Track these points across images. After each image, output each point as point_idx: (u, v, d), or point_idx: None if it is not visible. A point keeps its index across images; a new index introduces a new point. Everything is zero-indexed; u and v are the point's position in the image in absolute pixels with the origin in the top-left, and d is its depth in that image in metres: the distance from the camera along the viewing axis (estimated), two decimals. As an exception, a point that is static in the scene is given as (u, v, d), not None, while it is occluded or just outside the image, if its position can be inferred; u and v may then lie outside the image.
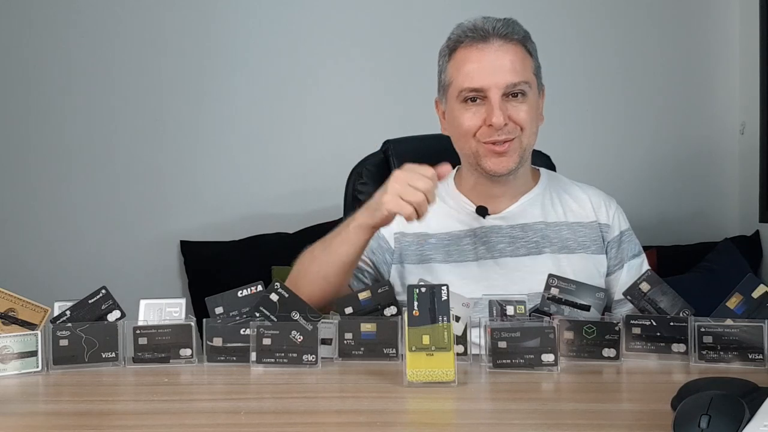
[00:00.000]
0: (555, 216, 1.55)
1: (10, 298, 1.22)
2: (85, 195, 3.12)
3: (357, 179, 1.82)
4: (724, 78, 3.11)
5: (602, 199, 1.59)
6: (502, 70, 1.42)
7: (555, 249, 1.51)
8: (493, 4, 1.95)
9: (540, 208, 1.55)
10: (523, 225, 1.53)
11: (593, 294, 1.28)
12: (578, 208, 1.57)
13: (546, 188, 1.58)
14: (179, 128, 3.13)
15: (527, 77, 1.44)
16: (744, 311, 1.19)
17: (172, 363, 1.26)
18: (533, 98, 1.46)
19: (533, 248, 1.50)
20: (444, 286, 1.12)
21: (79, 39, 3.11)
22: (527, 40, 1.48)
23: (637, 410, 0.99)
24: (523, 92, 1.43)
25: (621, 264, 1.55)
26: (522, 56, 1.45)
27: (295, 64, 3.12)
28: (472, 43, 1.44)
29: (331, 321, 1.26)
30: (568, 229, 1.54)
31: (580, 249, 1.52)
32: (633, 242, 1.59)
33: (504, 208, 1.54)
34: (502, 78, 1.41)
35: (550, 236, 1.52)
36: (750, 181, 2.98)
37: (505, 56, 1.43)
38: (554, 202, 1.57)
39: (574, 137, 3.04)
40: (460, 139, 1.49)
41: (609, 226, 1.56)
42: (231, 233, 3.06)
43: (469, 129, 1.45)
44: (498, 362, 1.16)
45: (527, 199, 1.55)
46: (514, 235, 1.52)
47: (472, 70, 1.43)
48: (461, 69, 1.45)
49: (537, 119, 1.49)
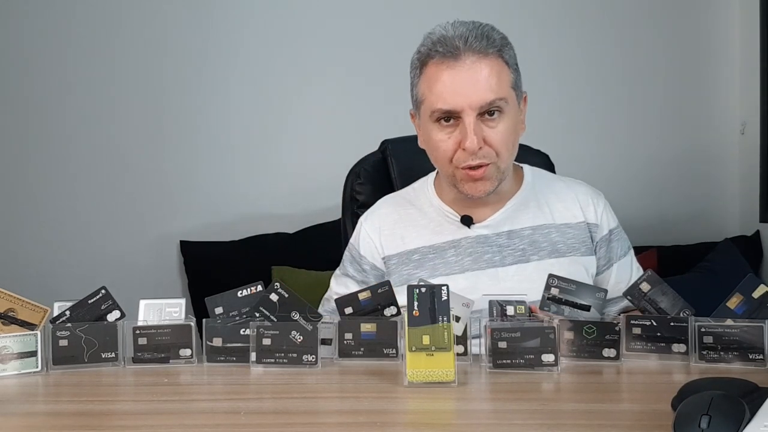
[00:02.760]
0: (543, 218, 1.50)
1: (9, 298, 1.22)
2: (85, 195, 3.12)
3: (355, 179, 1.82)
4: (724, 78, 3.11)
5: (590, 196, 1.54)
6: (476, 90, 1.33)
7: (544, 254, 1.47)
8: (492, 4, 1.96)
9: (526, 212, 1.50)
10: (509, 232, 1.48)
11: (593, 294, 1.27)
12: (565, 208, 1.52)
13: (531, 190, 1.53)
14: (179, 128, 3.13)
15: (503, 93, 1.36)
16: (744, 311, 1.19)
17: (172, 363, 1.26)
18: (511, 113, 1.39)
19: (521, 256, 1.47)
20: (444, 286, 1.12)
21: (80, 39, 3.11)
22: (503, 48, 1.37)
23: (638, 410, 0.98)
24: (499, 109, 1.36)
25: (610, 263, 1.52)
26: (498, 70, 1.36)
27: (294, 65, 3.12)
28: (443, 60, 1.35)
29: (331, 321, 1.26)
30: (557, 231, 1.49)
31: (570, 252, 1.48)
32: (622, 239, 1.55)
33: (488, 216, 1.49)
34: (476, 98, 1.33)
35: (539, 241, 1.48)
36: (750, 181, 2.98)
37: (479, 73, 1.34)
38: (540, 204, 1.52)
39: (574, 137, 3.05)
40: (437, 159, 1.44)
41: (597, 225, 1.52)
42: (231, 233, 3.07)
43: (445, 153, 1.39)
44: (498, 362, 1.16)
45: (512, 204, 1.50)
46: (500, 243, 1.47)
47: (444, 90, 1.35)
48: (432, 88, 1.37)
49: (515, 135, 1.42)
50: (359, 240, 1.57)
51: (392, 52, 3.03)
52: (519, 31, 1.58)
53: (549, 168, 1.83)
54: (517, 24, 1.56)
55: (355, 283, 1.54)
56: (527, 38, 1.51)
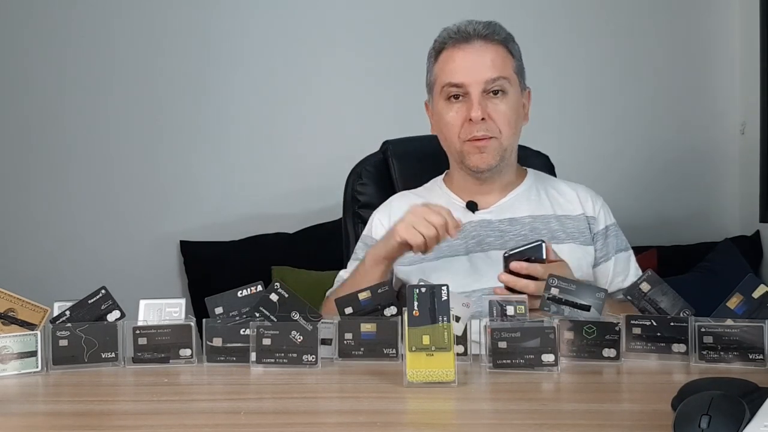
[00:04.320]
0: (543, 209, 1.59)
1: (9, 298, 1.22)
2: (85, 195, 3.12)
3: (356, 179, 1.82)
4: (724, 78, 3.10)
5: (589, 195, 1.65)
6: (483, 67, 1.51)
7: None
8: (493, 4, 1.97)
9: (527, 202, 1.60)
10: (511, 219, 1.58)
11: (593, 294, 1.27)
12: (565, 202, 1.62)
13: (533, 184, 1.64)
14: (179, 128, 3.13)
15: (506, 73, 1.52)
16: (744, 311, 1.19)
17: (172, 363, 1.26)
18: (514, 96, 1.54)
19: (521, 241, 1.51)
20: (444, 286, 1.12)
21: (78, 39, 3.11)
22: (509, 41, 1.55)
23: (638, 410, 0.98)
24: (503, 90, 1.52)
25: (607, 256, 1.59)
26: (503, 55, 1.53)
27: (294, 65, 3.12)
28: (456, 44, 1.53)
29: (331, 321, 1.26)
30: (557, 221, 1.58)
31: (569, 239, 1.56)
32: (620, 237, 1.63)
33: (492, 203, 1.60)
34: (482, 74, 1.50)
35: (539, 228, 1.56)
36: (750, 181, 2.98)
37: (486, 54, 1.52)
38: (541, 196, 1.62)
39: (574, 137, 3.05)
40: (446, 137, 1.57)
41: (595, 218, 1.60)
42: (231, 233, 3.07)
43: (453, 125, 1.53)
44: (498, 362, 1.16)
45: (515, 194, 1.61)
46: (502, 228, 1.57)
47: (455, 67, 1.52)
48: (445, 68, 1.54)
49: (518, 119, 1.56)
50: (372, 228, 1.66)
51: (394, 53, 3.05)
52: (519, 32, 1.60)
53: (549, 168, 1.84)
54: (517, 24, 1.58)
55: None
56: (527, 38, 1.53)
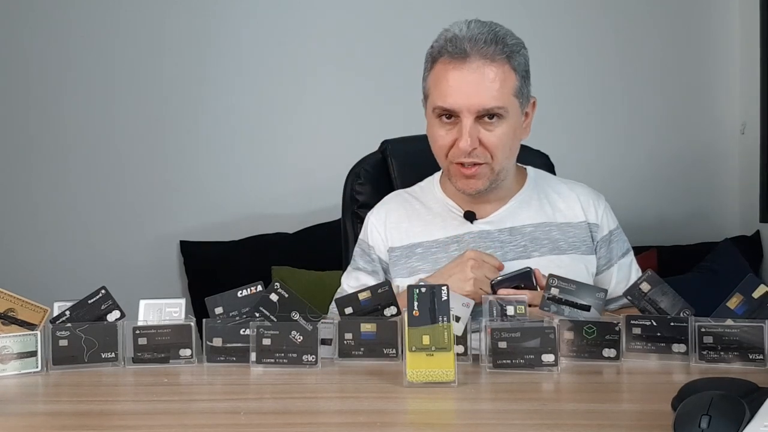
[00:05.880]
0: (544, 217, 1.53)
1: (9, 298, 1.22)
2: (85, 195, 3.12)
3: (355, 179, 1.82)
4: (724, 78, 3.10)
5: (591, 197, 1.57)
6: (477, 94, 1.36)
7: (545, 251, 1.49)
8: (494, 4, 1.96)
9: (528, 210, 1.53)
10: (511, 229, 1.51)
11: (593, 294, 1.27)
12: (567, 208, 1.55)
13: (534, 189, 1.56)
14: (179, 128, 3.13)
15: (503, 101, 1.38)
16: (744, 311, 1.19)
17: (172, 363, 1.26)
18: (511, 119, 1.41)
19: (522, 252, 1.49)
20: (444, 286, 1.12)
21: (80, 39, 3.11)
22: (513, 54, 1.40)
23: (638, 410, 0.98)
24: (499, 115, 1.39)
25: (610, 264, 1.55)
26: (503, 77, 1.38)
27: (293, 65, 3.12)
28: (451, 60, 1.38)
29: (331, 321, 1.26)
30: (558, 230, 1.52)
31: (571, 250, 1.50)
32: (622, 240, 1.58)
33: (491, 212, 1.52)
34: (475, 102, 1.37)
35: (540, 238, 1.50)
36: (750, 181, 2.98)
37: (483, 78, 1.36)
38: (542, 203, 1.55)
39: (574, 137, 3.04)
40: (435, 152, 1.49)
41: (598, 225, 1.54)
42: (231, 233, 3.07)
43: (442, 147, 1.44)
44: (498, 362, 1.16)
45: (515, 201, 1.53)
46: (502, 239, 1.50)
47: (447, 90, 1.38)
48: (437, 86, 1.41)
49: (515, 140, 1.45)
50: (367, 232, 1.60)
51: (392, 53, 3.05)
52: (519, 32, 1.57)
53: (549, 168, 1.83)
54: (517, 24, 1.56)
55: (367, 275, 1.56)
56: (527, 38, 1.51)
